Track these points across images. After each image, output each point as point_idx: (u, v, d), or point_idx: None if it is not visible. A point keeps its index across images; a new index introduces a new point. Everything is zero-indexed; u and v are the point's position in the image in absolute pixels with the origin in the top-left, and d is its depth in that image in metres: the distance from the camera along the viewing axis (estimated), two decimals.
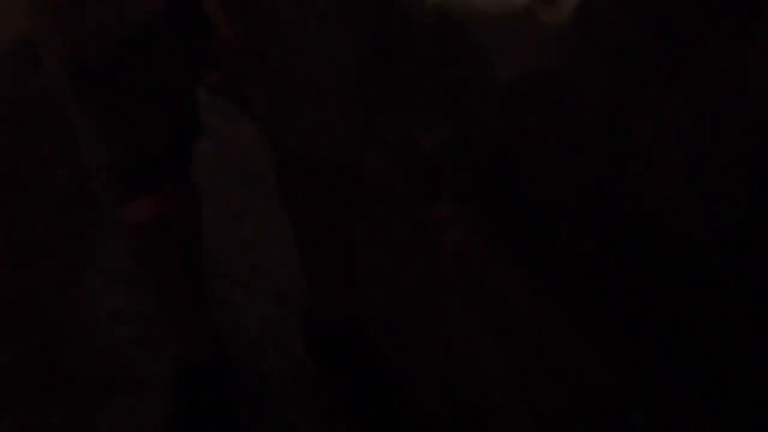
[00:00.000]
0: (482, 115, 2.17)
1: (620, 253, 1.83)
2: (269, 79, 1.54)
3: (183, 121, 1.56)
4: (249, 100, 1.64)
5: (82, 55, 1.39)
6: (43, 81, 1.94)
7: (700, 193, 1.67)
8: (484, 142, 2.13)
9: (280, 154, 1.70)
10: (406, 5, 2.36)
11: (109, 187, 1.57)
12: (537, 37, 2.14)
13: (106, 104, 1.45)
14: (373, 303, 2.02)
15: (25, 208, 2.31)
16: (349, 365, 1.90)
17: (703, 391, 1.67)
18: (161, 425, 1.85)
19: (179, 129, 1.55)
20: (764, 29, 1.54)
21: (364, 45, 1.56)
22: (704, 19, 1.61)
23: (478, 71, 2.23)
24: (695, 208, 1.69)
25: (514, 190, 2.04)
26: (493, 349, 1.94)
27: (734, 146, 1.59)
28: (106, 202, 1.68)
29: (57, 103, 1.55)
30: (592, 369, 1.81)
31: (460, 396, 1.90)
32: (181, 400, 1.87)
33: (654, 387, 1.74)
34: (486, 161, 2.11)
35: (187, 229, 1.74)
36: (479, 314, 2.00)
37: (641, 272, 1.79)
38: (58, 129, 2.15)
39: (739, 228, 1.65)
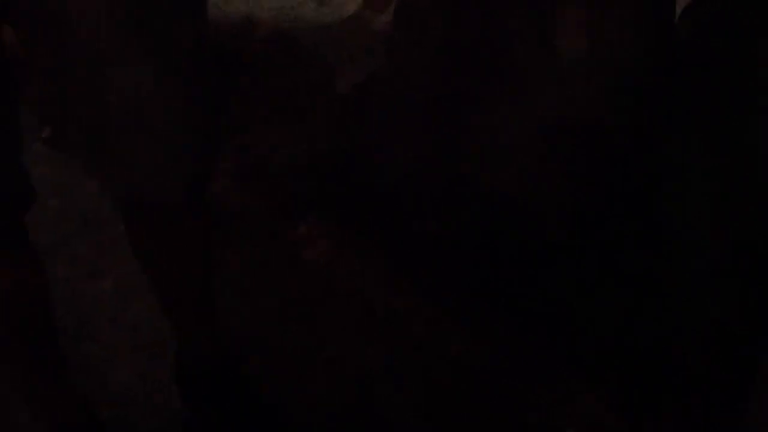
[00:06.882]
0: (325, 125, 2.14)
1: (472, 238, 1.82)
2: (86, 124, 1.47)
3: (6, 187, 1.46)
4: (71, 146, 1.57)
5: None
6: None
7: (535, 173, 1.67)
8: (331, 152, 2.10)
9: (119, 201, 1.64)
10: (235, 27, 2.32)
11: None
12: (369, 44, 2.14)
13: None
14: (241, 329, 1.97)
15: None
16: (225, 406, 1.84)
17: (574, 362, 1.68)
18: None
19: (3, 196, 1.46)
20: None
21: (183, 83, 1.48)
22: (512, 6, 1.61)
23: (317, 82, 2.20)
24: (533, 187, 1.69)
25: (366, 196, 2.02)
26: (369, 354, 1.92)
27: (555, 122, 1.60)
28: None
29: None
30: (469, 354, 1.81)
31: (346, 405, 1.87)
32: None
33: (526, 364, 1.75)
34: (336, 171, 2.09)
35: (31, 302, 1.64)
36: (352, 321, 1.97)
37: (494, 252, 1.79)
38: None
39: (576, 200, 1.66)
